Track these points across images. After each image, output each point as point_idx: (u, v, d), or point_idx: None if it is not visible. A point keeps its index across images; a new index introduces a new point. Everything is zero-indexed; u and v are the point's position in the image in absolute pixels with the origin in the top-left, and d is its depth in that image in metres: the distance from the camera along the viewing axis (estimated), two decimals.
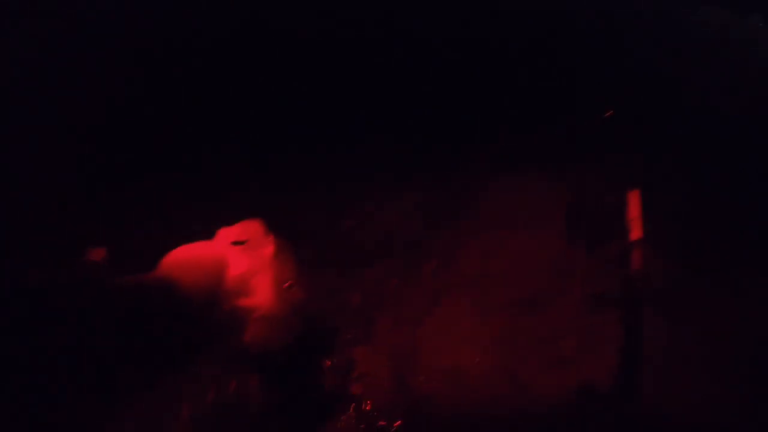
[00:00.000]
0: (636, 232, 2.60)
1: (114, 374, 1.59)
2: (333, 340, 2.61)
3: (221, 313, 1.97)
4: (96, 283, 1.71)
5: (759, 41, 3.39)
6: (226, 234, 2.11)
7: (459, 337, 2.86)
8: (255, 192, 3.15)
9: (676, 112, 3.34)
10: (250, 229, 2.14)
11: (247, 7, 3.52)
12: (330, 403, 2.41)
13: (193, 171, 3.14)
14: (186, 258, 1.96)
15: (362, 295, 2.95)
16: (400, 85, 3.50)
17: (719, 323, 2.74)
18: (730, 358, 2.63)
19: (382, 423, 2.47)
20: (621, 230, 2.68)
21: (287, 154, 3.30)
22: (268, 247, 2.12)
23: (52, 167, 2.95)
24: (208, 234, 2.12)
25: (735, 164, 3.30)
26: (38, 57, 3.12)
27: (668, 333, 2.69)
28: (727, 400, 2.53)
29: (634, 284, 2.59)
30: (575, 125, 3.24)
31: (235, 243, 2.08)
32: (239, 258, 2.05)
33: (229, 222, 2.18)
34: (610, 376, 2.54)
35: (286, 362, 2.11)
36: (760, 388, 2.54)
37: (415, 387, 2.68)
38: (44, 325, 1.47)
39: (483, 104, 3.48)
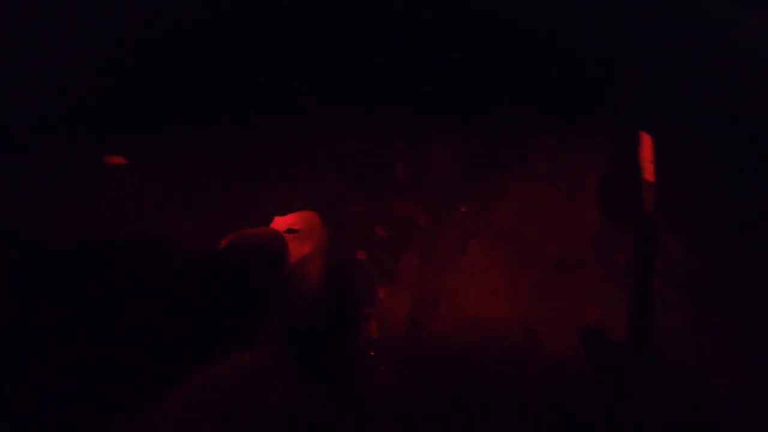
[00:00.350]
0: (648, 174, 2.56)
1: (169, 346, 1.64)
2: (358, 280, 2.63)
3: (276, 296, 2.06)
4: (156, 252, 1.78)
5: None
6: (281, 222, 2.19)
7: (482, 288, 2.84)
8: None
9: (681, 111, 3.34)
10: (303, 219, 2.23)
11: None
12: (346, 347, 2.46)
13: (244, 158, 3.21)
14: (249, 240, 2.04)
15: (388, 229, 2.94)
16: (447, 35, 3.51)
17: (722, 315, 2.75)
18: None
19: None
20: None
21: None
22: (320, 238, 2.22)
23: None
24: (264, 221, 2.19)
25: (737, 164, 3.31)
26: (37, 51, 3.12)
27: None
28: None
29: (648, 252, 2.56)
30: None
31: (289, 231, 2.15)
32: (293, 245, 2.14)
33: (284, 211, 2.25)
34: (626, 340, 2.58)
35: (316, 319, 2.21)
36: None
37: (432, 331, 2.67)
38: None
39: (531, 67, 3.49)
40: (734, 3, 3.38)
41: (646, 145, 2.65)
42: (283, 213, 2.26)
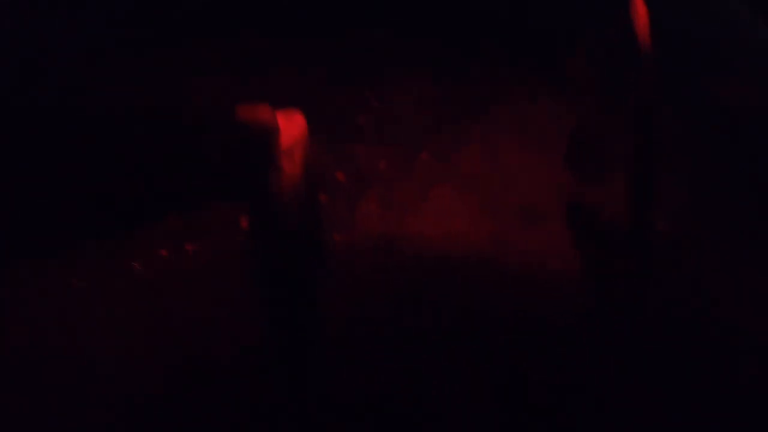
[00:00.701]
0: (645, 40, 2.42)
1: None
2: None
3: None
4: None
5: None
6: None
7: (443, 233, 2.82)
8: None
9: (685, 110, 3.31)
10: (285, 115, 2.28)
11: None
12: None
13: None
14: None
15: (348, 173, 2.92)
16: None
17: None
18: None
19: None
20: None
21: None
22: (302, 137, 2.29)
23: None
24: None
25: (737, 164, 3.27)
26: None
27: None
28: None
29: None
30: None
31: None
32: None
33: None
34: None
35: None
36: None
37: (389, 274, 2.68)
38: None
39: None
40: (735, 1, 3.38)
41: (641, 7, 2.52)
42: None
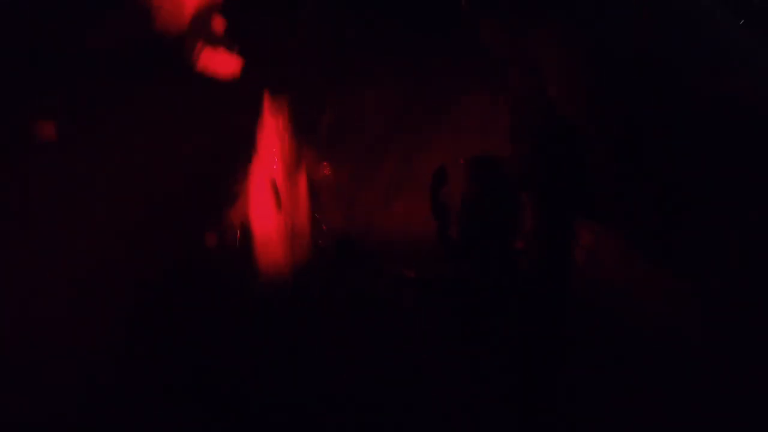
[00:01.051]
0: None
1: None
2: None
3: None
4: None
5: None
6: None
7: (411, 238, 2.74)
8: None
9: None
10: None
11: None
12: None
13: None
14: None
15: (313, 181, 2.89)
16: None
17: None
18: None
19: None
20: None
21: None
22: None
23: None
24: None
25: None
26: None
27: None
28: None
29: None
30: None
31: None
32: None
33: None
34: None
35: None
36: None
37: (360, 280, 2.60)
38: None
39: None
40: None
41: None
42: None
